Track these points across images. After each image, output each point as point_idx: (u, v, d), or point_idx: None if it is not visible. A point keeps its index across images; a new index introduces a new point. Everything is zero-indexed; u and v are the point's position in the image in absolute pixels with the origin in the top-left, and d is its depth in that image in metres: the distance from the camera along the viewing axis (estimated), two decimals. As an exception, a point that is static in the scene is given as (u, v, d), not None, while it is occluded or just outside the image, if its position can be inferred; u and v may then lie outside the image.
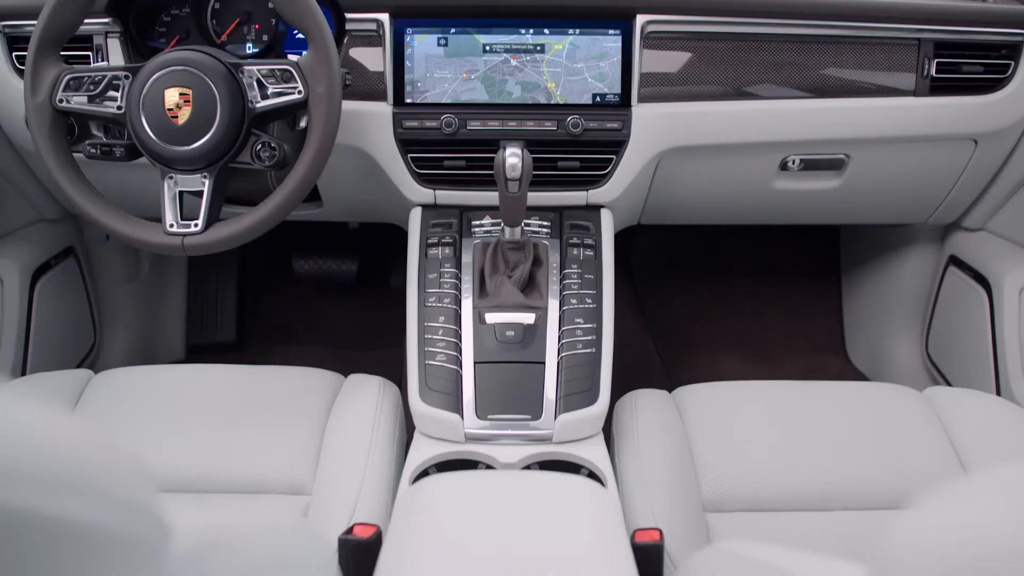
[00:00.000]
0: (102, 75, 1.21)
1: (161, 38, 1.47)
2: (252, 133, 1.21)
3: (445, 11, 1.42)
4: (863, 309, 2.23)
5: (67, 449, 0.52)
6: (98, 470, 0.55)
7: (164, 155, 1.20)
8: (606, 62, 1.41)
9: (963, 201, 1.73)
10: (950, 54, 1.47)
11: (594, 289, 1.37)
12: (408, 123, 1.42)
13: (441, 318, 1.33)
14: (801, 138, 1.49)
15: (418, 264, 1.41)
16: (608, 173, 1.45)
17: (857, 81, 1.47)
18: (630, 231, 1.74)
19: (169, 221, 1.22)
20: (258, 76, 1.20)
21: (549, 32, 1.41)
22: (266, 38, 1.43)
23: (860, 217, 1.82)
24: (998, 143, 1.57)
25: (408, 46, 1.41)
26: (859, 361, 2.23)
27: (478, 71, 1.42)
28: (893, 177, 1.62)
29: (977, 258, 1.79)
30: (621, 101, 1.42)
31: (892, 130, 1.50)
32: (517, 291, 1.34)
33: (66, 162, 1.23)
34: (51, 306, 1.80)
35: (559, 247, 1.42)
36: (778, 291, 2.37)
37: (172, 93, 1.18)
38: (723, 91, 1.45)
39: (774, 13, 1.43)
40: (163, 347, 2.23)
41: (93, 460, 0.55)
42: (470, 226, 1.45)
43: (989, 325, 1.71)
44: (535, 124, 1.42)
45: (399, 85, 1.42)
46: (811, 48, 1.45)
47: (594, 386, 1.29)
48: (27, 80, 1.21)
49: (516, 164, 1.22)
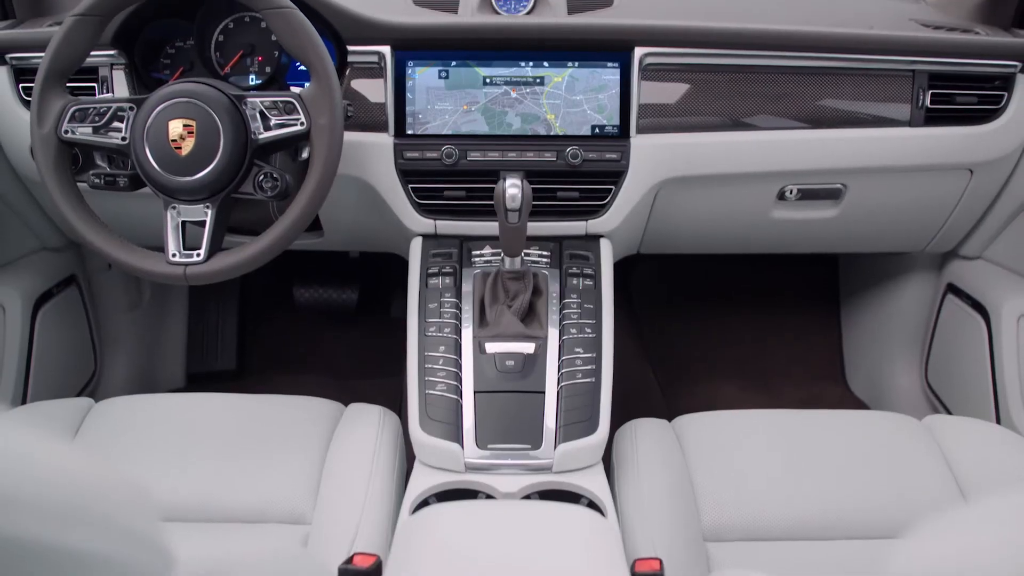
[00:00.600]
0: (107, 106, 1.23)
1: (165, 69, 1.49)
2: (255, 164, 1.22)
3: (446, 44, 1.44)
4: (862, 337, 2.24)
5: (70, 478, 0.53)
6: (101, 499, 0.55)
7: (167, 185, 1.21)
8: (605, 94, 1.43)
9: (960, 230, 1.74)
10: (944, 85, 1.49)
11: (593, 319, 1.37)
12: (409, 154, 1.43)
13: (441, 348, 1.34)
14: (798, 168, 1.51)
15: (418, 294, 1.41)
16: (607, 203, 1.46)
17: (853, 112, 1.49)
18: (630, 259, 1.75)
19: (171, 251, 1.23)
20: (261, 108, 1.22)
21: (548, 65, 1.43)
22: (269, 70, 1.45)
23: (858, 246, 1.83)
24: (993, 172, 1.58)
25: (409, 78, 1.43)
26: (859, 389, 2.23)
27: (478, 103, 1.44)
28: (890, 206, 1.63)
29: (975, 286, 1.80)
30: (620, 132, 1.44)
31: (888, 160, 1.52)
32: (517, 321, 1.35)
33: (70, 192, 1.24)
34: (52, 334, 1.81)
35: (559, 277, 1.43)
36: (777, 319, 2.38)
37: (176, 124, 1.20)
38: (721, 122, 1.47)
39: (770, 45, 1.45)
40: (163, 375, 2.23)
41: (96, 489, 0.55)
42: (470, 256, 1.46)
43: (988, 353, 1.71)
44: (535, 155, 1.43)
45: (400, 116, 1.44)
46: (807, 80, 1.47)
47: (594, 415, 1.29)
48: (33, 111, 1.22)
49: (516, 195, 1.23)
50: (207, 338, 2.31)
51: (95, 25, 1.22)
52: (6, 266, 1.74)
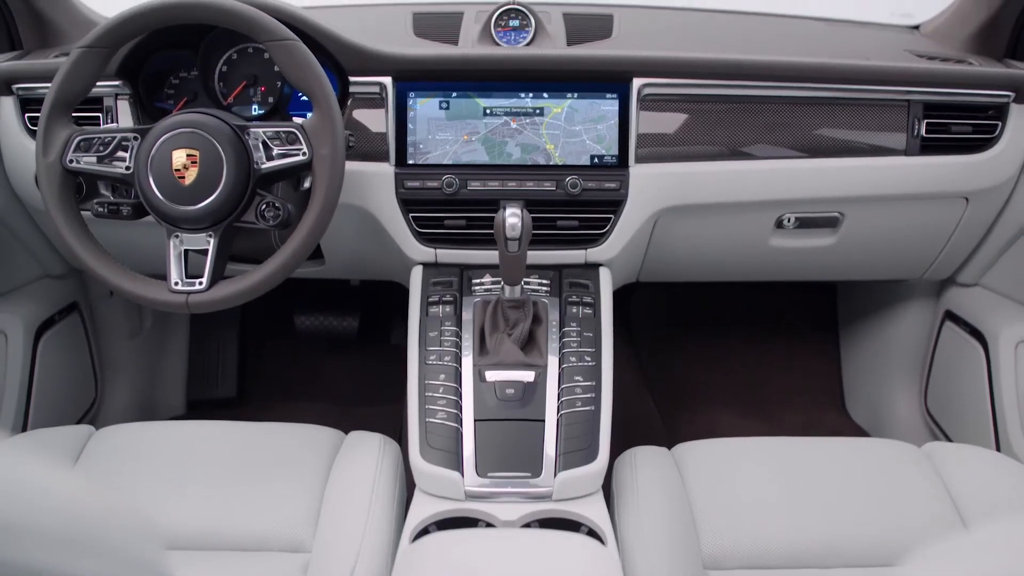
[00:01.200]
0: (112, 136, 1.24)
1: (169, 100, 1.51)
2: (257, 193, 1.23)
3: (446, 75, 1.46)
4: (861, 364, 2.24)
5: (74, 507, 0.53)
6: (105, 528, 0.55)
7: (170, 214, 1.22)
8: (604, 124, 1.44)
9: (957, 257, 1.75)
10: (939, 115, 1.51)
11: (593, 347, 1.38)
12: (410, 183, 1.45)
13: (442, 376, 1.34)
14: (796, 197, 1.52)
15: (419, 322, 1.42)
16: (606, 232, 1.47)
17: (850, 141, 1.50)
18: (629, 286, 1.76)
19: (174, 279, 1.23)
20: (263, 138, 1.23)
21: (548, 96, 1.45)
22: (272, 100, 1.46)
23: (856, 273, 1.84)
24: (989, 201, 1.60)
25: (411, 109, 1.45)
26: (858, 416, 2.23)
27: (479, 133, 1.45)
28: (887, 234, 1.64)
29: (972, 313, 1.81)
30: (619, 162, 1.45)
31: (885, 189, 1.53)
32: (517, 349, 1.35)
33: (74, 221, 1.25)
34: (54, 361, 1.81)
35: (558, 305, 1.44)
36: (777, 346, 2.38)
37: (179, 154, 1.21)
38: (719, 151, 1.48)
39: (767, 76, 1.47)
40: (164, 402, 2.23)
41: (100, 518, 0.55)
42: (470, 284, 1.47)
43: (987, 380, 1.71)
44: (534, 184, 1.44)
45: (401, 146, 1.45)
46: (804, 110, 1.49)
47: (593, 443, 1.29)
48: (39, 141, 1.23)
49: (516, 224, 1.24)
50: (208, 365, 2.31)
51: (101, 57, 1.24)
52: (8, 293, 1.75)
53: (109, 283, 1.24)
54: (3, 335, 1.69)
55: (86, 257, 1.25)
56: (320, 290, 2.32)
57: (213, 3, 1.21)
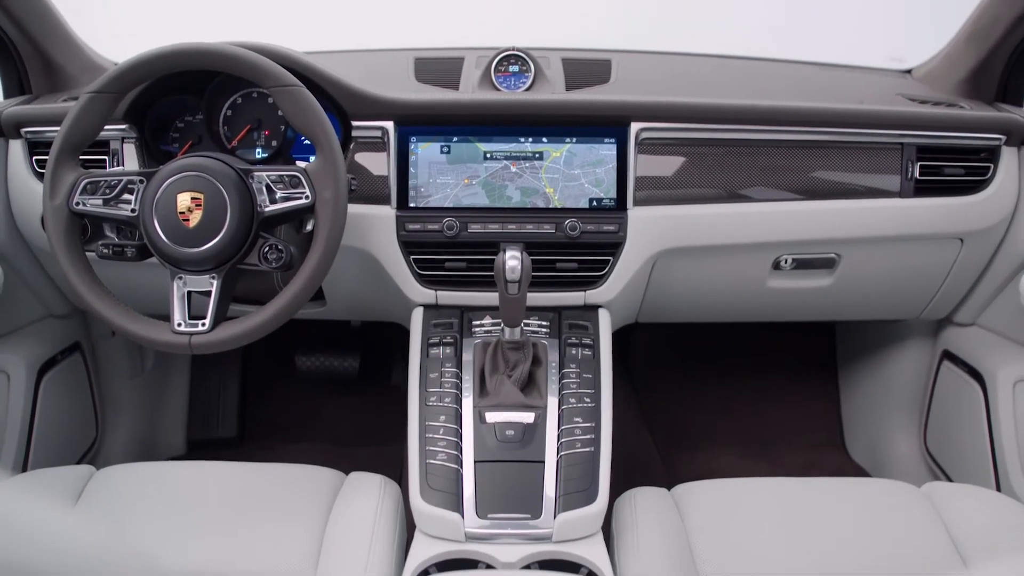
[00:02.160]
0: (118, 179, 1.25)
1: (174, 143, 1.53)
2: (260, 236, 1.25)
3: (447, 120, 1.48)
4: (861, 403, 2.24)
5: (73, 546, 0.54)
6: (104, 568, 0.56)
7: (175, 256, 1.23)
8: (602, 168, 1.47)
9: (953, 297, 1.76)
10: (932, 157, 1.53)
11: (592, 388, 1.39)
12: (411, 226, 1.46)
13: (442, 417, 1.35)
14: (793, 238, 1.54)
15: (419, 363, 1.43)
16: (605, 274, 1.49)
17: (845, 183, 1.53)
18: (628, 326, 1.77)
19: (177, 320, 1.24)
20: (267, 181, 1.24)
21: (547, 140, 1.47)
22: (275, 144, 1.48)
23: (853, 314, 1.85)
24: (983, 241, 1.62)
25: (412, 152, 1.47)
26: (859, 456, 2.22)
27: (479, 177, 1.47)
28: (884, 275, 1.66)
29: (970, 353, 1.82)
30: (617, 205, 1.47)
31: (880, 230, 1.55)
32: (517, 390, 1.36)
33: (79, 262, 1.26)
34: (55, 401, 1.81)
35: (558, 346, 1.44)
36: (776, 386, 2.38)
37: (184, 197, 1.22)
38: (716, 194, 1.50)
39: (762, 120, 1.49)
40: (164, 442, 2.23)
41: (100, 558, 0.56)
42: (470, 326, 1.48)
43: (985, 419, 1.71)
44: (534, 227, 1.46)
45: (403, 190, 1.47)
46: (799, 152, 1.51)
47: (593, 484, 1.29)
48: (46, 184, 1.25)
49: (516, 267, 1.25)
50: (208, 405, 2.31)
51: (109, 102, 1.26)
52: (12, 333, 1.75)
53: (113, 324, 1.25)
54: (5, 375, 1.70)
55: (90, 298, 1.25)
56: (321, 331, 2.33)
57: (220, 50, 1.24)
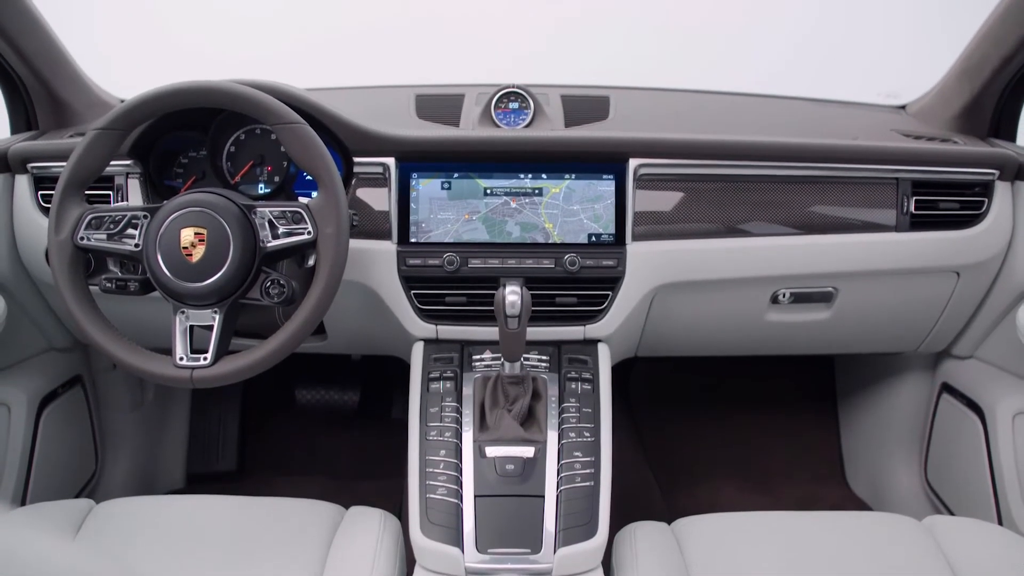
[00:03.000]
0: (122, 214, 1.27)
1: (178, 178, 1.55)
2: (262, 271, 1.26)
3: (448, 156, 1.50)
4: (861, 436, 2.24)
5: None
6: None
7: (177, 291, 1.24)
8: (601, 204, 1.48)
9: (951, 330, 1.77)
10: (927, 192, 1.55)
11: (592, 422, 1.39)
12: (412, 261, 1.48)
13: (442, 452, 1.35)
14: (790, 273, 1.55)
15: (420, 398, 1.43)
16: (604, 308, 1.50)
17: (841, 218, 1.54)
18: (628, 360, 1.77)
19: (179, 354, 1.25)
20: (270, 217, 1.25)
21: (547, 176, 1.49)
22: (278, 179, 1.50)
23: (852, 347, 1.86)
24: (979, 274, 1.63)
25: (413, 188, 1.48)
26: (859, 489, 2.22)
27: (479, 212, 1.49)
28: (881, 308, 1.67)
29: (969, 385, 1.82)
30: (616, 240, 1.49)
31: (877, 264, 1.56)
32: (517, 425, 1.36)
33: (82, 297, 1.27)
34: (55, 434, 1.81)
35: (557, 381, 1.45)
36: (776, 419, 2.38)
37: (188, 232, 1.23)
38: (714, 229, 1.51)
39: (759, 156, 1.51)
40: (163, 475, 2.22)
41: None
42: (471, 360, 1.48)
43: (985, 452, 1.71)
44: (533, 262, 1.47)
45: (404, 225, 1.49)
46: (796, 188, 1.53)
47: (593, 519, 1.29)
48: (52, 218, 1.26)
49: (515, 301, 1.26)
50: (208, 438, 2.30)
51: (116, 138, 1.28)
52: (13, 366, 1.76)
53: (115, 358, 1.26)
54: (6, 407, 1.70)
55: (93, 332, 1.26)
56: (321, 364, 2.33)
57: (224, 88, 1.25)
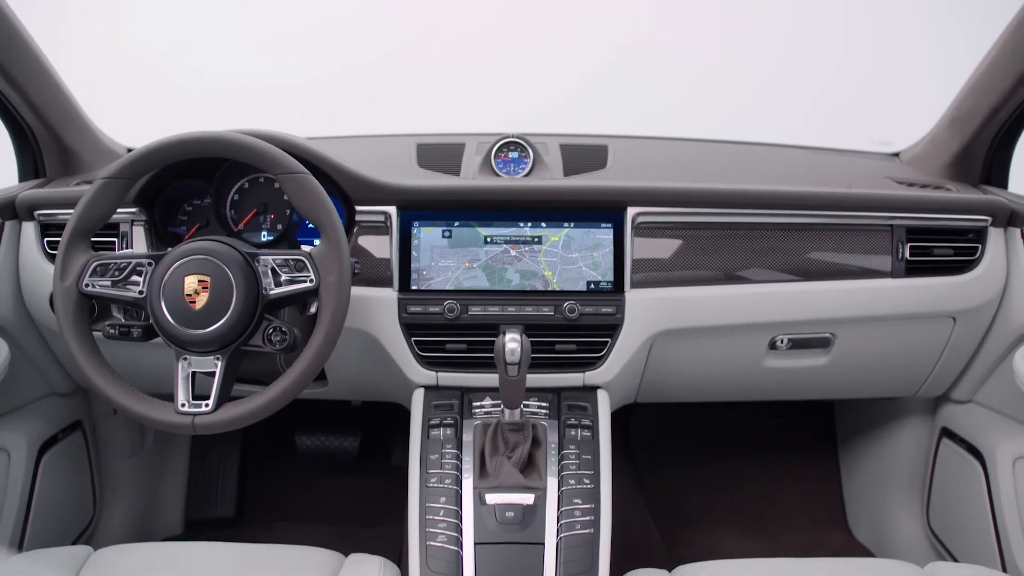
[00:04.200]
0: (127, 262, 1.28)
1: (182, 225, 1.56)
2: (265, 318, 1.27)
3: (449, 205, 1.52)
4: (862, 481, 2.23)
5: None
6: None
7: (180, 338, 1.25)
8: (599, 252, 1.50)
9: (949, 375, 1.77)
10: (921, 238, 1.57)
11: (592, 469, 1.39)
12: (412, 308, 1.49)
13: (442, 499, 1.35)
14: (788, 319, 1.56)
15: (420, 444, 1.43)
16: (604, 355, 1.51)
17: (838, 264, 1.56)
18: (628, 406, 1.77)
19: (181, 400, 1.25)
20: (272, 265, 1.27)
21: (546, 225, 1.51)
22: (280, 227, 1.52)
23: (850, 392, 1.86)
24: (975, 320, 1.64)
25: (415, 237, 1.50)
26: (861, 534, 2.20)
27: (479, 260, 1.51)
28: (879, 353, 1.68)
29: (968, 430, 1.82)
30: (615, 287, 1.50)
31: (874, 310, 1.57)
32: (516, 472, 1.36)
33: (86, 343, 1.28)
34: (54, 479, 1.81)
35: (557, 427, 1.45)
36: (776, 464, 2.37)
37: (191, 280, 1.25)
38: (712, 276, 1.53)
39: (755, 204, 1.54)
40: (162, 521, 2.21)
41: None
42: (471, 407, 1.49)
43: (987, 497, 1.71)
44: (533, 309, 1.49)
45: (405, 273, 1.50)
46: (792, 235, 1.55)
47: (593, 566, 1.29)
48: (58, 265, 1.27)
49: (515, 349, 1.27)
50: (207, 484, 2.29)
51: (122, 187, 1.30)
52: (14, 411, 1.76)
53: (117, 404, 1.26)
54: (6, 453, 1.70)
55: (96, 378, 1.27)
56: (322, 410, 2.33)
57: (229, 139, 1.28)
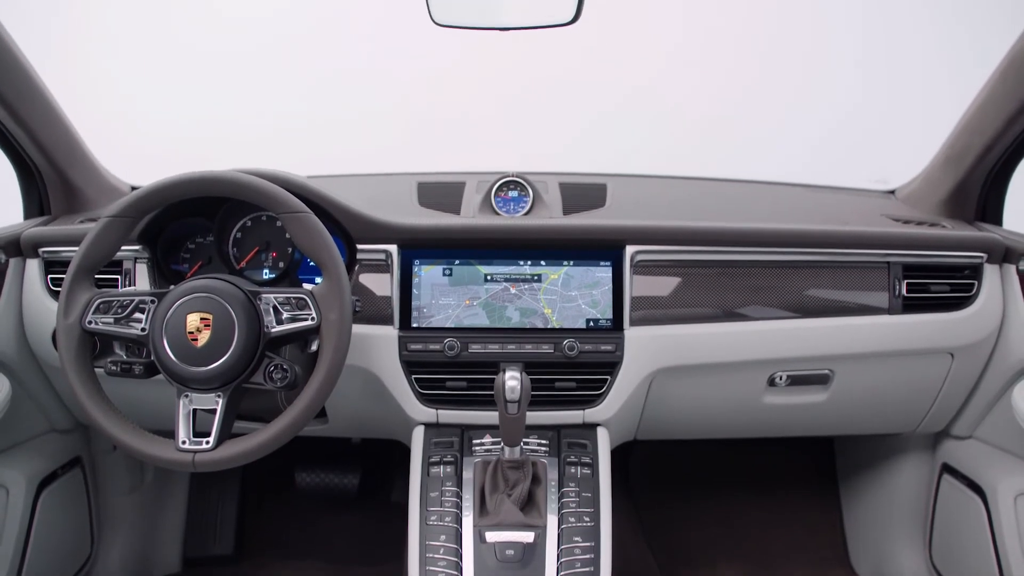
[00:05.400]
0: (130, 299, 1.29)
1: (185, 262, 1.58)
2: (266, 355, 1.27)
3: (449, 243, 1.54)
4: (864, 517, 2.22)
5: None
6: None
7: (182, 375, 1.25)
8: (598, 290, 1.51)
9: (948, 410, 1.77)
10: (918, 275, 1.59)
11: (592, 507, 1.39)
12: (413, 346, 1.50)
13: (442, 536, 1.35)
14: (786, 356, 1.57)
15: (420, 482, 1.43)
16: (603, 393, 1.51)
17: (835, 301, 1.57)
18: (628, 443, 1.77)
19: (182, 438, 1.25)
20: (274, 303, 1.28)
21: (545, 264, 1.52)
22: (282, 265, 1.53)
23: (850, 428, 1.86)
24: (973, 355, 1.65)
25: (415, 275, 1.52)
26: (863, 571, 2.18)
27: (480, 298, 1.52)
28: (877, 390, 1.68)
29: (969, 466, 1.82)
30: (614, 325, 1.51)
31: (872, 346, 1.58)
32: (516, 509, 1.36)
33: (88, 380, 1.28)
34: (53, 516, 1.80)
35: (557, 465, 1.45)
36: (777, 501, 2.36)
37: (194, 317, 1.25)
38: (711, 313, 1.54)
39: (753, 242, 1.55)
40: (159, 559, 2.19)
41: None
42: (471, 444, 1.49)
43: (989, 533, 1.70)
44: (533, 347, 1.49)
45: (406, 310, 1.51)
46: (790, 272, 1.56)
47: None
48: (62, 302, 1.28)
49: (515, 387, 1.28)
50: (206, 521, 2.27)
51: (127, 225, 1.31)
52: (14, 447, 1.75)
53: (118, 441, 1.26)
54: (4, 490, 1.69)
55: (97, 416, 1.27)
56: (321, 447, 2.32)
57: (233, 178, 1.29)
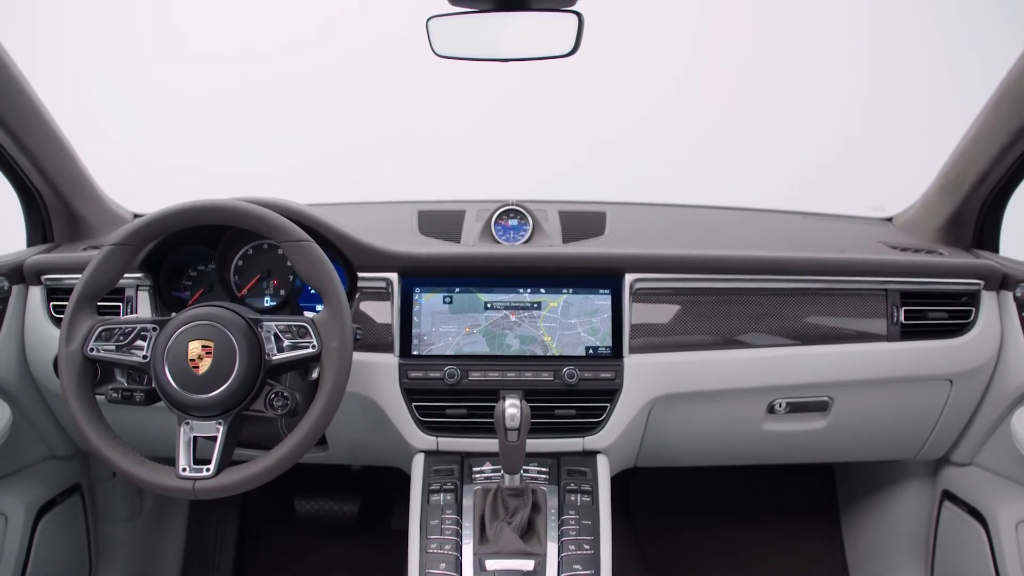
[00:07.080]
0: (132, 327, 1.29)
1: (186, 290, 1.58)
2: (267, 383, 1.28)
3: (450, 272, 1.55)
4: (865, 545, 2.20)
5: None
6: None
7: (183, 402, 1.25)
8: (598, 318, 1.52)
9: (948, 437, 1.77)
10: (916, 302, 1.59)
11: (592, 535, 1.39)
12: (413, 373, 1.50)
13: (442, 564, 1.34)
14: (786, 383, 1.57)
15: (420, 509, 1.43)
16: (603, 420, 1.51)
17: (834, 328, 1.58)
18: (628, 470, 1.76)
19: (182, 465, 1.25)
20: (275, 331, 1.28)
21: (545, 291, 1.53)
22: (283, 293, 1.54)
23: (850, 455, 1.86)
24: (972, 382, 1.65)
25: (416, 303, 1.52)
26: (866, 601, 2.18)
27: (480, 326, 1.52)
28: (877, 416, 1.68)
29: (970, 493, 1.81)
30: (613, 352, 1.52)
31: (870, 373, 1.59)
32: (516, 537, 1.36)
33: (89, 407, 1.28)
34: (51, 544, 1.79)
35: (557, 492, 1.45)
36: (778, 528, 2.35)
37: (195, 345, 1.26)
38: (710, 340, 1.55)
39: (751, 270, 1.56)
40: None
41: None
42: (471, 472, 1.49)
43: (991, 561, 1.69)
44: (533, 375, 1.50)
45: (406, 338, 1.52)
46: (788, 300, 1.57)
47: None
48: (64, 330, 1.29)
49: (515, 415, 1.28)
50: (205, 548, 2.26)
51: (129, 253, 1.32)
52: (13, 474, 1.75)
53: (119, 468, 1.26)
54: (3, 517, 1.68)
55: (98, 442, 1.27)
56: (321, 474, 2.32)
57: (235, 207, 1.30)
